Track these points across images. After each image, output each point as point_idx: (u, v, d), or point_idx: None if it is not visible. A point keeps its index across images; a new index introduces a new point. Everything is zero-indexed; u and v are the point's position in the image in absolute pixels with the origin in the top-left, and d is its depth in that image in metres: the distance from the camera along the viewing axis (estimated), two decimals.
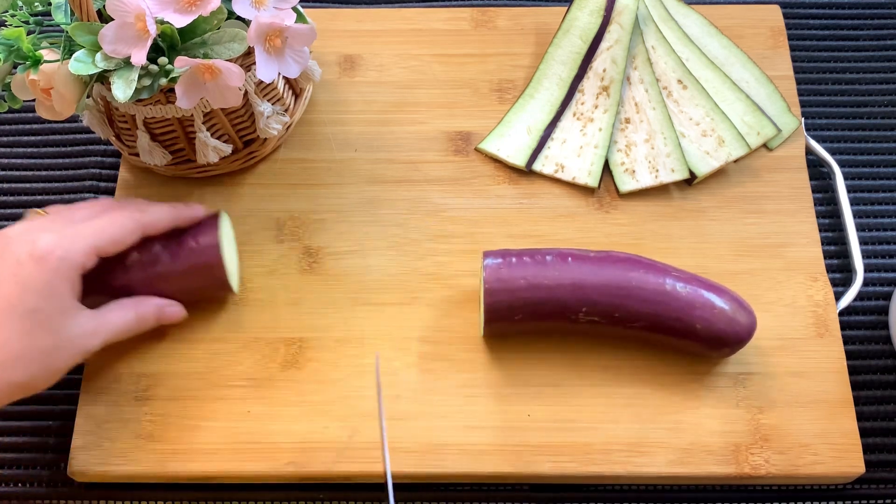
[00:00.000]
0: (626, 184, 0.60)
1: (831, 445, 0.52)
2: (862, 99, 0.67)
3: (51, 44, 0.51)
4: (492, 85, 0.65)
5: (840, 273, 0.60)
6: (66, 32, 0.48)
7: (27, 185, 0.64)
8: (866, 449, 0.54)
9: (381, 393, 0.53)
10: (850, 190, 0.62)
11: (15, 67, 0.52)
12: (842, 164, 0.63)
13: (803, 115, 0.65)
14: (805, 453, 0.52)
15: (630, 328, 0.52)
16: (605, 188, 0.61)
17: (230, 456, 0.52)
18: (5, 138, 0.66)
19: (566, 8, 0.64)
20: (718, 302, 0.51)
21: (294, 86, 0.62)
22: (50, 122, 0.65)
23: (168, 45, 0.49)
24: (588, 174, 0.60)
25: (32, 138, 0.66)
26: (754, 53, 0.65)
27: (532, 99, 0.63)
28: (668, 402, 0.53)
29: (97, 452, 0.52)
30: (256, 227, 0.59)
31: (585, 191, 0.61)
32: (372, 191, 0.60)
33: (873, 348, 0.58)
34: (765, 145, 0.62)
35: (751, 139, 0.61)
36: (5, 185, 0.64)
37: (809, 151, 0.63)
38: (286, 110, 0.60)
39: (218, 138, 0.57)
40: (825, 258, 0.58)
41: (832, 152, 0.63)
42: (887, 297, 0.59)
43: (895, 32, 0.70)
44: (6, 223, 0.55)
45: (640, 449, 0.52)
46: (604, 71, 0.62)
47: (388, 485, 0.46)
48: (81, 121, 0.60)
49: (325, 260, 0.58)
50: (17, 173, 0.65)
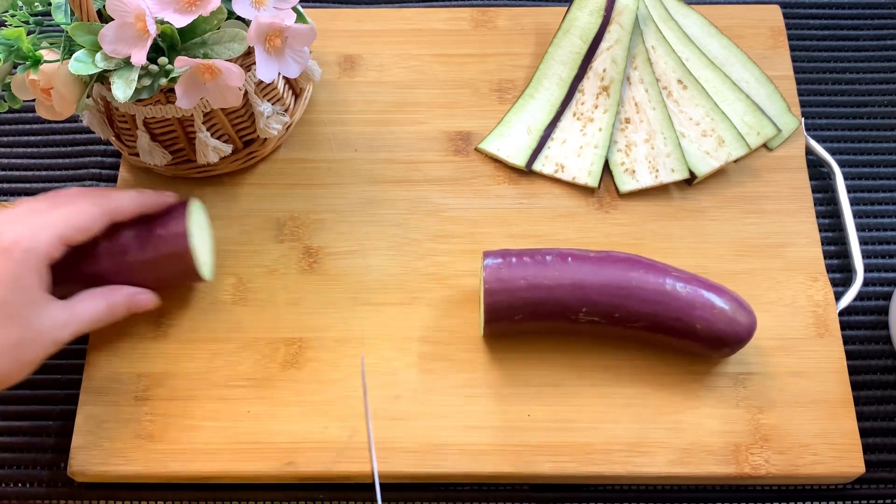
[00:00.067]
0: (626, 184, 0.60)
1: (831, 445, 0.52)
2: (862, 99, 0.67)
3: (51, 44, 0.51)
4: (492, 85, 0.65)
5: (840, 273, 0.60)
6: (66, 32, 0.48)
7: (27, 185, 0.64)
8: (866, 449, 0.54)
9: (367, 395, 0.53)
10: (850, 190, 0.62)
11: (15, 67, 0.52)
12: (842, 164, 0.63)
13: (803, 115, 0.65)
14: (805, 453, 0.52)
15: (630, 328, 0.52)
16: (605, 188, 0.61)
17: (230, 456, 0.52)
18: (5, 138, 0.66)
19: (566, 8, 0.64)
20: (718, 302, 0.51)
21: (294, 86, 0.61)
22: (50, 122, 0.65)
23: (168, 45, 0.49)
24: (588, 174, 0.60)
25: (32, 138, 0.66)
26: (754, 53, 0.65)
27: (532, 99, 0.63)
28: (668, 402, 0.53)
29: (97, 452, 0.52)
30: (256, 227, 0.59)
31: (585, 191, 0.61)
32: (372, 191, 0.60)
33: (873, 348, 0.58)
34: (765, 145, 0.62)
35: (751, 139, 0.61)
36: (5, 186, 0.64)
37: (809, 151, 0.63)
38: (286, 110, 0.60)
39: (218, 138, 0.57)
40: (825, 258, 0.58)
41: (832, 152, 0.63)
42: (887, 297, 0.59)
43: (895, 32, 0.70)
44: None
45: (640, 449, 0.52)
46: (604, 71, 0.62)
47: (376, 485, 0.46)
48: (81, 121, 0.60)
49: (324, 260, 0.58)
50: (17, 173, 0.65)
